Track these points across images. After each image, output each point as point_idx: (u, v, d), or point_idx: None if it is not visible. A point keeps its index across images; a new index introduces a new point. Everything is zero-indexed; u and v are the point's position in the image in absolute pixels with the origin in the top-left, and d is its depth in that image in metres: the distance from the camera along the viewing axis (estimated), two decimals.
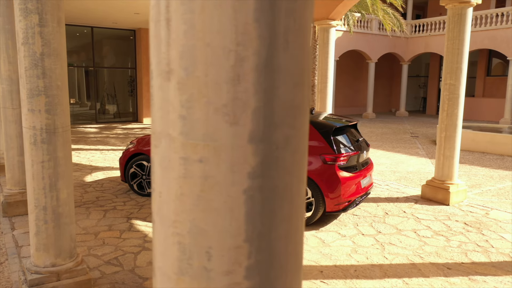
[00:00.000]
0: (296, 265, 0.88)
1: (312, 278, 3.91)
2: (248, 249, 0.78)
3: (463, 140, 11.85)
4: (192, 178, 0.77)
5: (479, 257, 4.45)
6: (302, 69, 0.80)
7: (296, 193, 0.84)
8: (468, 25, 6.15)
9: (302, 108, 0.82)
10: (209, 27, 0.72)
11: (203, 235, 0.78)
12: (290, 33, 0.76)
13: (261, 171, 0.77)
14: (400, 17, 14.57)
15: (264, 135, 0.76)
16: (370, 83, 21.93)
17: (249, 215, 0.78)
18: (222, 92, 0.74)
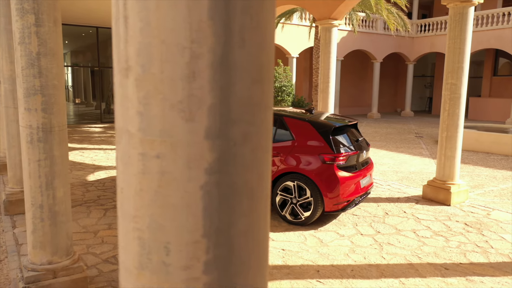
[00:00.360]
0: (259, 261, 0.88)
1: (308, 278, 3.91)
2: (206, 244, 0.79)
3: (467, 140, 11.78)
4: (150, 174, 0.78)
5: (478, 258, 4.42)
6: (260, 67, 0.81)
7: (257, 189, 0.84)
8: (470, 25, 6.11)
9: (262, 105, 0.83)
10: (164, 25, 0.73)
11: (162, 230, 0.79)
12: (247, 30, 0.77)
13: (218, 167, 0.78)
14: (405, 17, 14.49)
15: (220, 132, 0.77)
16: (375, 83, 21.85)
17: (206, 211, 0.78)
18: (177, 89, 0.75)
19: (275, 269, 4.07)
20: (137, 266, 0.82)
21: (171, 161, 0.77)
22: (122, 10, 0.77)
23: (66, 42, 22.33)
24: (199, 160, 0.77)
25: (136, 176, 0.80)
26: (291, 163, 5.29)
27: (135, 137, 0.79)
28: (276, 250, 4.55)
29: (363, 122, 19.62)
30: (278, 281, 3.84)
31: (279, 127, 5.56)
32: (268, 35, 0.82)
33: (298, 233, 5.05)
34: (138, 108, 0.77)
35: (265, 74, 0.83)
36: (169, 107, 0.75)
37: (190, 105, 0.75)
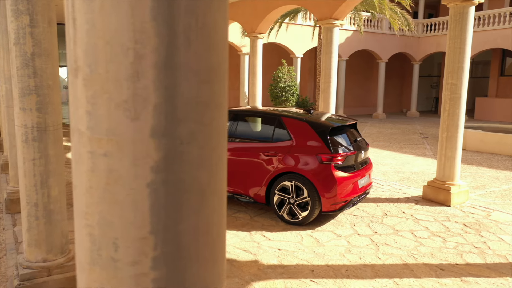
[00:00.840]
0: (212, 258, 0.90)
1: (302, 277, 3.92)
2: (154, 240, 0.81)
3: (471, 140, 11.70)
4: (98, 171, 0.80)
5: (474, 259, 4.40)
6: (209, 67, 0.83)
7: (208, 187, 0.86)
8: (470, 24, 6.07)
9: (212, 104, 0.84)
10: (108, 26, 0.75)
11: (110, 226, 0.81)
12: (192, 31, 0.79)
13: (164, 165, 0.80)
14: (409, 16, 14.42)
15: (166, 131, 0.79)
16: (380, 83, 21.76)
17: (153, 208, 0.80)
18: (122, 89, 0.76)
19: (270, 269, 4.09)
20: (88, 261, 0.84)
21: (117, 159, 0.78)
22: (71, 11, 0.79)
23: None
24: (145, 158, 0.78)
25: (86, 174, 0.82)
26: (288, 163, 5.29)
27: (84, 136, 0.81)
28: (272, 249, 4.56)
29: (368, 122, 19.55)
30: (272, 280, 3.85)
31: (277, 127, 5.57)
32: (217, 36, 0.84)
33: (295, 233, 5.05)
34: (86, 108, 0.79)
35: (215, 74, 0.84)
36: (115, 106, 0.77)
37: (135, 105, 0.77)
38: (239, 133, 5.82)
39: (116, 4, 0.74)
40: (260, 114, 6.14)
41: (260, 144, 5.61)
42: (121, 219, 0.80)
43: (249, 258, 4.34)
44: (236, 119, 5.94)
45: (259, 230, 5.13)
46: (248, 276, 3.92)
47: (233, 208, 5.97)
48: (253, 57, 10.77)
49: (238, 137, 5.80)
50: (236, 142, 5.77)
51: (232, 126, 5.89)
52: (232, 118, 6.00)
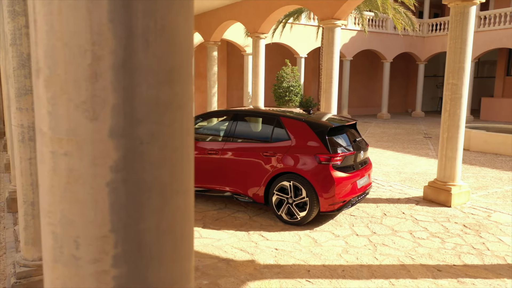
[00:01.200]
0: (174, 257, 0.91)
1: (298, 277, 3.93)
2: (114, 239, 0.82)
3: (476, 141, 11.63)
4: (59, 171, 0.82)
5: (472, 260, 4.37)
6: (169, 68, 0.84)
7: (169, 187, 0.87)
8: (471, 24, 6.04)
9: (173, 105, 0.86)
10: (66, 28, 0.77)
11: (72, 225, 0.82)
12: (151, 33, 0.80)
13: (124, 165, 0.81)
14: (412, 16, 14.35)
15: (125, 131, 0.80)
16: (385, 83, 21.67)
17: (113, 207, 0.81)
18: (81, 90, 0.78)
19: (266, 268, 4.09)
20: (52, 259, 0.86)
21: (77, 158, 0.80)
22: (32, 13, 0.81)
23: None
24: (104, 158, 0.80)
25: (48, 173, 0.83)
26: (287, 163, 5.30)
27: (46, 136, 0.82)
28: (269, 249, 4.57)
29: (372, 122, 19.49)
30: (267, 280, 3.86)
31: (276, 127, 5.58)
32: (178, 38, 0.85)
33: (293, 233, 5.06)
34: (47, 108, 0.81)
35: (176, 75, 0.86)
36: (74, 107, 0.78)
37: (93, 105, 0.78)
38: (238, 133, 5.83)
39: (74, 6, 0.75)
40: (259, 114, 6.15)
41: (259, 144, 5.62)
42: (82, 218, 0.82)
43: (246, 257, 4.35)
44: (236, 119, 5.96)
45: (258, 230, 5.14)
46: (244, 276, 3.93)
47: (233, 208, 5.99)
48: (255, 57, 10.78)
49: (237, 137, 5.81)
50: (235, 142, 5.78)
51: (232, 126, 5.90)
52: (232, 118, 6.01)
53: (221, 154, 5.78)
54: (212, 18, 12.58)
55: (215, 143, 5.96)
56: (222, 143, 5.87)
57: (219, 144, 5.89)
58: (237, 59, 19.43)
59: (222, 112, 6.95)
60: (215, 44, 13.17)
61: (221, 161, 5.78)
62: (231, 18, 11.66)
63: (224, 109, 7.13)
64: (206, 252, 4.48)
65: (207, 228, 5.18)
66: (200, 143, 6.10)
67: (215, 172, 5.86)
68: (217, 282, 3.80)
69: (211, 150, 5.87)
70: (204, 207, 6.00)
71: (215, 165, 5.83)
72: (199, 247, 4.60)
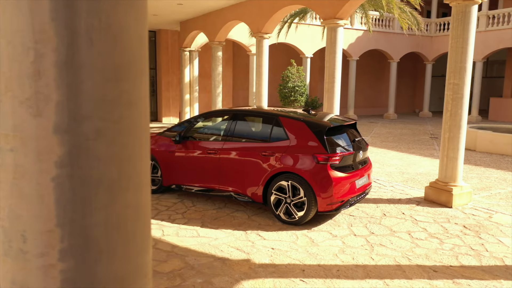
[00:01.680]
0: (125, 252, 0.92)
1: (292, 277, 3.93)
2: (60, 233, 0.84)
3: (482, 141, 11.51)
4: (6, 166, 0.83)
5: (470, 261, 4.34)
6: (116, 66, 0.85)
7: (117, 183, 0.89)
8: (473, 24, 5.99)
9: (121, 102, 0.87)
10: (10, 27, 0.78)
11: (19, 219, 0.84)
12: (95, 31, 0.81)
13: (69, 160, 0.82)
14: (418, 15, 14.24)
15: (70, 127, 0.81)
16: (391, 83, 21.55)
17: (59, 202, 0.83)
18: (25, 87, 0.80)
19: (261, 268, 4.10)
20: (2, 253, 0.88)
21: (23, 154, 0.82)
22: None
23: None
24: (49, 154, 0.81)
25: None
26: (285, 162, 5.30)
27: None
28: (265, 249, 4.57)
29: (379, 123, 19.39)
30: (261, 279, 3.87)
31: (275, 127, 5.58)
32: (126, 36, 0.86)
33: (291, 233, 5.06)
34: None
35: (124, 73, 0.87)
36: (18, 103, 0.80)
37: (37, 102, 0.80)
38: (237, 133, 5.85)
39: (16, 6, 0.77)
40: (258, 114, 6.16)
41: (258, 143, 5.63)
42: (28, 212, 0.83)
43: (242, 257, 4.36)
44: (235, 118, 5.97)
45: (255, 230, 5.15)
46: (238, 275, 3.94)
47: (232, 208, 6.00)
48: (259, 57, 10.79)
49: (236, 136, 5.83)
50: (234, 141, 5.80)
51: (231, 126, 5.92)
52: (231, 118, 6.03)
53: (220, 153, 5.80)
54: (217, 18, 12.62)
55: (214, 143, 5.99)
56: (221, 142, 5.89)
57: (218, 144, 5.91)
58: (243, 59, 19.46)
59: (222, 112, 6.97)
60: (220, 44, 13.20)
61: (220, 160, 5.80)
62: (235, 18, 11.68)
63: (224, 109, 7.15)
64: (202, 251, 4.50)
65: (205, 227, 5.20)
66: (200, 142, 6.13)
67: (214, 172, 5.88)
68: (211, 280, 3.82)
69: (210, 150, 5.89)
70: (203, 206, 6.03)
71: (214, 164, 5.86)
72: (196, 246, 4.62)
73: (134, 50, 0.89)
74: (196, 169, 6.09)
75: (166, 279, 3.83)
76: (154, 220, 5.41)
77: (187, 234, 4.96)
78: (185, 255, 4.38)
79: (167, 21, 15.33)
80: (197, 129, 6.43)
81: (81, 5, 0.79)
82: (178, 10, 12.95)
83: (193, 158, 6.09)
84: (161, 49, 17.58)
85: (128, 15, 0.86)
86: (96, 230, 0.87)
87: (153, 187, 6.59)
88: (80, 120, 0.82)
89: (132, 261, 0.94)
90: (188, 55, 16.29)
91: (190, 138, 6.26)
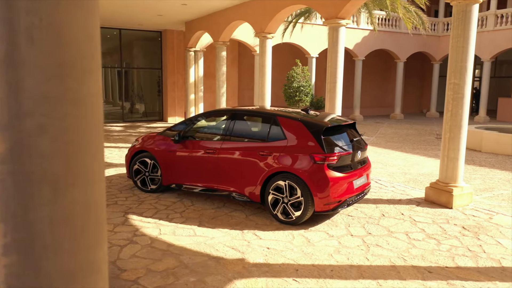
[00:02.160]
0: (73, 248, 0.93)
1: (285, 276, 3.93)
2: (3, 228, 0.85)
3: (487, 142, 11.40)
4: None
5: (466, 262, 4.30)
6: (59, 64, 0.86)
7: (62, 179, 0.90)
8: (474, 23, 5.93)
9: (64, 99, 0.88)
10: None
11: None
12: (36, 30, 0.83)
13: (10, 157, 0.84)
14: (423, 15, 14.13)
15: (10, 124, 0.83)
16: (398, 83, 21.41)
17: (1, 197, 0.84)
18: None
19: (255, 267, 4.11)
20: None
21: None
22: None
23: None
24: None
25: None
26: (282, 162, 5.30)
27: None
28: (261, 248, 4.58)
29: (385, 123, 19.28)
30: (254, 278, 3.87)
31: (273, 127, 5.58)
32: (70, 34, 0.88)
33: (288, 232, 5.06)
34: None
35: (68, 71, 0.88)
36: None
37: None
38: (235, 132, 5.86)
39: None
40: (257, 113, 6.16)
41: (255, 143, 5.64)
42: None
43: (237, 256, 4.37)
44: (233, 118, 5.99)
45: (252, 229, 5.16)
46: (232, 274, 3.95)
47: (230, 207, 6.02)
48: (262, 57, 10.79)
49: (235, 136, 5.84)
50: (233, 141, 5.81)
51: (229, 126, 5.93)
52: (230, 118, 6.04)
53: (218, 153, 5.81)
54: (220, 18, 12.65)
55: (213, 142, 6.00)
56: (220, 142, 5.90)
57: (217, 143, 5.93)
58: (248, 59, 19.47)
59: (221, 112, 6.99)
60: (224, 44, 13.22)
61: (219, 160, 5.81)
62: (239, 18, 11.69)
63: (222, 108, 7.17)
64: (198, 250, 4.51)
65: (202, 227, 5.22)
66: (199, 142, 6.15)
67: (213, 172, 5.90)
68: (204, 279, 3.84)
69: (209, 149, 5.91)
70: (202, 206, 6.05)
71: (213, 164, 5.87)
72: (192, 245, 4.64)
73: (80, 48, 0.90)
74: (195, 168, 6.11)
75: (159, 278, 3.85)
76: (151, 219, 5.45)
77: (183, 233, 4.99)
78: (180, 254, 4.40)
79: (172, 21, 15.40)
80: (196, 128, 6.46)
81: (20, 4, 0.80)
82: (183, 10, 13.00)
83: (192, 157, 6.11)
84: (167, 49, 17.67)
85: (73, 14, 0.87)
86: (41, 225, 0.88)
87: (153, 186, 6.63)
88: (22, 117, 0.83)
89: (81, 257, 0.96)
90: (193, 55, 16.35)
91: (189, 137, 6.28)
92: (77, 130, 0.91)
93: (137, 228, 5.16)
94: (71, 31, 0.88)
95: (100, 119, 0.99)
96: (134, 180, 6.80)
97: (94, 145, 0.97)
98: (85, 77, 0.92)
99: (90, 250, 0.98)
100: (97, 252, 1.00)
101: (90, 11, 0.92)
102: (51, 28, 0.84)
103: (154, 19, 14.89)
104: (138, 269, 4.01)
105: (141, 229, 5.11)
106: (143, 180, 6.73)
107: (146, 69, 20.70)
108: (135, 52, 20.69)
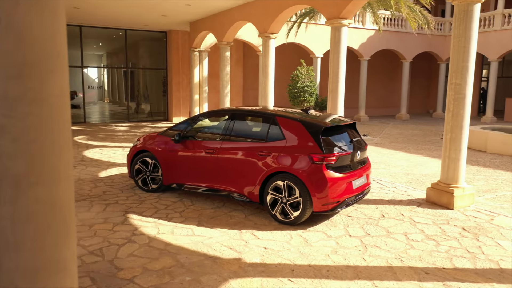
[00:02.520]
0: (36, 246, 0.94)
1: (281, 276, 3.92)
2: None
3: (492, 142, 11.30)
4: None
5: (464, 263, 4.27)
6: (20, 64, 0.87)
7: (24, 178, 0.91)
8: (475, 23, 5.88)
9: (25, 99, 0.89)
10: None
11: None
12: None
13: None
14: (428, 14, 14.04)
15: None
16: (404, 83, 21.30)
17: None
18: None
19: (251, 267, 4.11)
20: None
21: None
22: None
23: (100, 44, 23.23)
24: None
25: None
26: (281, 162, 5.30)
27: None
28: (258, 248, 4.58)
29: (390, 123, 19.19)
30: (249, 278, 3.88)
31: (272, 127, 5.58)
32: (31, 34, 0.89)
33: (286, 233, 5.05)
34: None
35: (29, 71, 0.89)
36: None
37: None
38: (235, 132, 5.87)
39: None
40: (256, 113, 6.17)
41: (255, 143, 5.64)
42: None
43: (233, 256, 4.38)
44: (233, 118, 6.00)
45: (250, 229, 5.16)
46: (227, 274, 3.96)
47: (230, 207, 6.03)
48: (265, 57, 10.79)
49: (234, 136, 5.85)
50: (232, 141, 5.82)
51: (229, 126, 5.94)
52: (229, 118, 6.06)
53: (218, 153, 5.83)
54: (224, 18, 12.67)
55: (213, 142, 6.01)
56: (220, 142, 5.92)
57: (216, 143, 5.94)
58: (253, 60, 19.48)
59: (221, 112, 7.00)
60: (228, 44, 13.25)
61: (218, 160, 5.82)
62: (242, 19, 11.71)
63: (222, 108, 7.19)
64: (195, 249, 4.53)
65: (201, 226, 5.23)
66: (199, 142, 6.17)
67: (213, 171, 5.91)
68: (199, 279, 3.85)
69: (209, 149, 5.93)
70: (201, 205, 6.06)
71: (212, 164, 5.89)
72: (189, 244, 4.65)
73: (43, 48, 0.91)
74: (195, 168, 6.13)
75: (155, 277, 3.87)
76: (151, 219, 5.47)
77: (182, 233, 5.00)
78: (177, 253, 4.42)
79: (176, 21, 15.45)
80: (196, 128, 6.48)
81: None
82: (186, 10, 13.04)
83: (192, 157, 6.13)
84: (172, 50, 17.73)
85: (34, 14, 0.88)
86: (2, 223, 0.89)
87: (154, 186, 6.66)
88: None
89: (45, 256, 0.97)
90: (197, 55, 16.40)
91: (189, 137, 6.30)
92: (40, 130, 0.92)
93: (136, 227, 5.19)
94: (33, 31, 0.89)
95: (66, 119, 1.00)
96: (135, 180, 6.84)
97: (59, 145, 0.97)
98: (49, 77, 0.93)
99: (56, 249, 0.99)
100: (64, 251, 1.01)
101: (54, 11, 0.93)
102: (10, 28, 0.85)
103: (159, 19, 14.95)
104: (135, 268, 4.03)
105: (140, 228, 5.13)
106: (144, 180, 6.76)
107: (152, 69, 20.80)
108: (141, 53, 20.80)
